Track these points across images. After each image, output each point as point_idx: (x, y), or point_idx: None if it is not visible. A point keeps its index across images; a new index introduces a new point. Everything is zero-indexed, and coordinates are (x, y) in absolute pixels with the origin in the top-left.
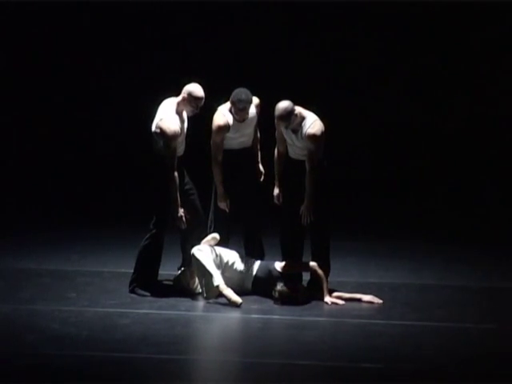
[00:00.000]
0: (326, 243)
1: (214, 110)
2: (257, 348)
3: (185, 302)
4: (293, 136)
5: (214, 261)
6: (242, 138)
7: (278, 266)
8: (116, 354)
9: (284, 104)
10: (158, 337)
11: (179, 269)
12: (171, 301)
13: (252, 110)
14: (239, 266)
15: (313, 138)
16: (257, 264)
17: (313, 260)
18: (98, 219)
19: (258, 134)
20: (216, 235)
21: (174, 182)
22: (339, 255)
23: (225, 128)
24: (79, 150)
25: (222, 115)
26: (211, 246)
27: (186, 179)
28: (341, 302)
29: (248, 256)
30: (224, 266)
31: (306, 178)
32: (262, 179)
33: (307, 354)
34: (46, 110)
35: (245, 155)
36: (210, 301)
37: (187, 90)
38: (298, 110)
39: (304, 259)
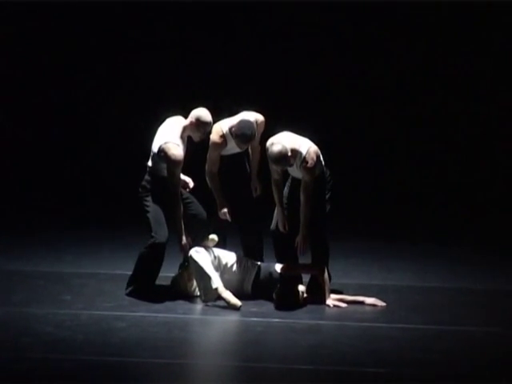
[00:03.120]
0: (324, 248)
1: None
2: (256, 352)
3: (182, 305)
4: (290, 168)
5: (213, 263)
6: (237, 149)
7: (279, 268)
8: (112, 358)
9: (277, 148)
10: (154, 340)
11: (180, 268)
12: (168, 304)
13: None
14: (238, 267)
15: (308, 170)
16: (256, 266)
17: (312, 264)
18: (94, 220)
19: (259, 148)
20: (214, 236)
21: (178, 209)
22: (341, 257)
23: (222, 146)
24: (76, 153)
25: (221, 134)
26: (209, 247)
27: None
28: (343, 304)
29: (247, 257)
30: (223, 268)
31: (300, 209)
32: (258, 193)
33: (308, 358)
34: (47, 111)
35: (238, 156)
36: (209, 303)
37: (195, 115)
38: (290, 146)
39: (303, 261)
